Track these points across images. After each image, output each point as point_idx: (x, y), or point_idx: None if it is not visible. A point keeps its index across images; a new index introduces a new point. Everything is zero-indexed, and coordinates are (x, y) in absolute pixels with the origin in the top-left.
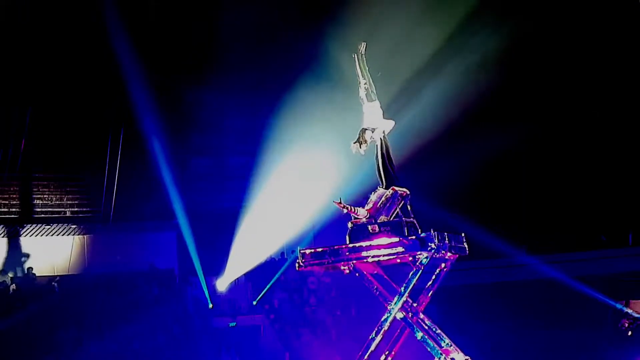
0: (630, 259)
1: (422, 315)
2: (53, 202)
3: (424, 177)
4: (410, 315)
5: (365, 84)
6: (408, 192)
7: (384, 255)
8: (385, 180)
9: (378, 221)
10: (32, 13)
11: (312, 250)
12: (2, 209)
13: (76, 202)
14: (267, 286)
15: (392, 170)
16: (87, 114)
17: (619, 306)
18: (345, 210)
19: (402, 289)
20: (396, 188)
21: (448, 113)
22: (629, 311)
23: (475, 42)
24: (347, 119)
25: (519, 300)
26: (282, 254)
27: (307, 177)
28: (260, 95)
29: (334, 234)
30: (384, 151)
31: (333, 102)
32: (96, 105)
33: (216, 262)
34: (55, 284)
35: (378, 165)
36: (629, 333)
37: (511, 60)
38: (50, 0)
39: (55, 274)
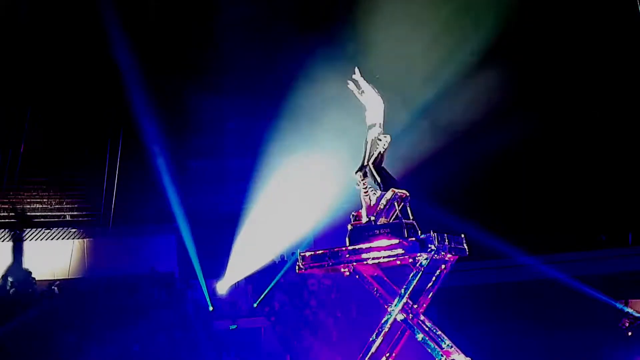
0: (630, 259)
1: (422, 317)
2: (53, 206)
3: (423, 178)
4: (410, 317)
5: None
6: (407, 194)
7: (384, 257)
8: (383, 183)
9: (378, 223)
10: (31, 14)
11: (312, 253)
12: (2, 213)
13: (76, 205)
14: (268, 289)
15: (386, 173)
16: (87, 117)
17: (619, 306)
18: (362, 187)
19: (403, 290)
20: (396, 190)
21: (447, 114)
22: (630, 310)
23: (475, 42)
24: (346, 121)
25: (519, 300)
26: (282, 256)
27: (306, 179)
28: (259, 98)
29: (334, 236)
30: (377, 157)
31: (332, 104)
32: (95, 109)
33: (216, 264)
34: (56, 288)
35: (372, 170)
36: (629, 333)
37: (511, 60)
38: (50, 1)
39: (56, 278)
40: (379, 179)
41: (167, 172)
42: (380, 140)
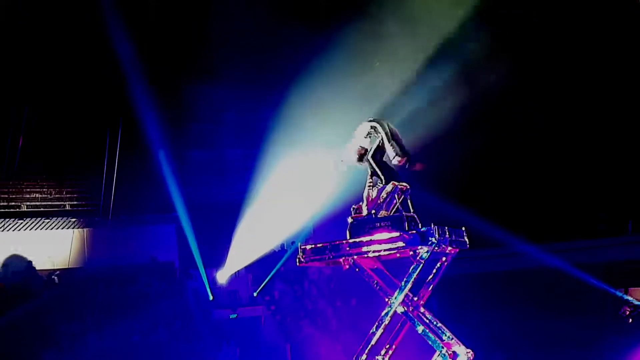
0: (630, 247)
1: (422, 309)
2: (52, 196)
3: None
4: (411, 309)
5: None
6: (408, 187)
7: (384, 250)
8: (385, 175)
9: (378, 216)
10: (30, 10)
11: (313, 246)
12: (2, 203)
13: (75, 195)
14: (268, 278)
15: (387, 165)
16: (86, 108)
17: (618, 294)
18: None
19: (403, 283)
20: (396, 182)
21: (445, 104)
22: (629, 298)
23: (475, 35)
24: (347, 112)
25: (519, 289)
26: (282, 245)
27: (307, 170)
28: (260, 88)
29: (334, 226)
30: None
31: (334, 96)
32: (95, 99)
33: (216, 254)
34: (55, 278)
35: (376, 160)
36: (630, 320)
37: (510, 50)
38: None
39: (55, 268)
40: (379, 172)
41: (167, 161)
42: (378, 131)
